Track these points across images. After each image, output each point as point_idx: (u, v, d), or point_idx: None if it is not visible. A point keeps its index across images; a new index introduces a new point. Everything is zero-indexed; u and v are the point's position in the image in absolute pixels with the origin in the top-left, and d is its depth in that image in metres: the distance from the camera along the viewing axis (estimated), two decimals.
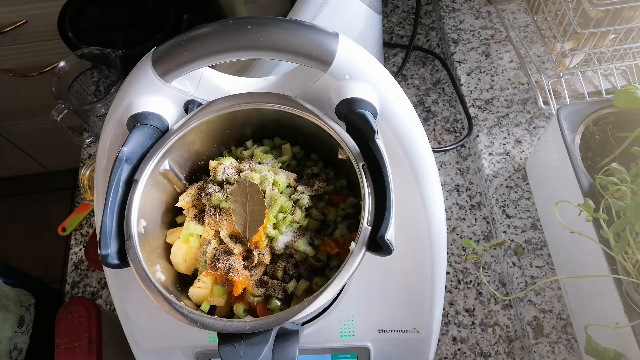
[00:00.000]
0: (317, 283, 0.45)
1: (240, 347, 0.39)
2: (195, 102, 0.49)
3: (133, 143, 0.45)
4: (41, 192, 1.98)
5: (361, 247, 0.39)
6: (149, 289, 0.41)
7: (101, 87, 1.00)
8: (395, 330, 0.56)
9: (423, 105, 0.91)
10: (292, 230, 0.46)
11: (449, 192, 0.83)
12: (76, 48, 0.89)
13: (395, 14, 1.02)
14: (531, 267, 0.72)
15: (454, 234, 0.79)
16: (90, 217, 0.89)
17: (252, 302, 0.45)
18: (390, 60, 0.97)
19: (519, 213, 0.75)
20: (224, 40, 0.44)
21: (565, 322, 0.68)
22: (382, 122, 0.47)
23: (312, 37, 0.44)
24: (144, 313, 0.55)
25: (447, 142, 0.87)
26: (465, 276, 0.76)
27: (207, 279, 0.45)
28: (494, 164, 0.79)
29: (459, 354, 0.72)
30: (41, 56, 1.28)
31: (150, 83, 0.46)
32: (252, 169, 0.48)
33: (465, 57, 0.90)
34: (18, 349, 0.93)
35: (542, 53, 0.86)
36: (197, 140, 0.49)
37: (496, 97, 0.85)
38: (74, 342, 0.66)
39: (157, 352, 0.57)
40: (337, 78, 0.46)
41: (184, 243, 0.46)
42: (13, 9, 1.16)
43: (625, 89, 0.61)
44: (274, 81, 0.52)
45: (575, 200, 0.57)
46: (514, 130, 0.81)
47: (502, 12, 0.91)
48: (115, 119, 0.49)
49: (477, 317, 0.73)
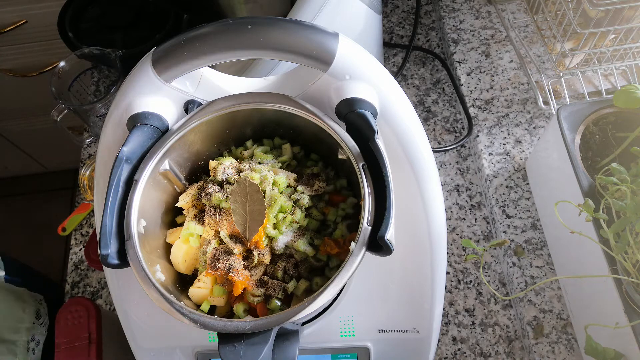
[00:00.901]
0: (317, 283, 0.45)
1: (240, 347, 0.39)
2: (195, 102, 0.49)
3: (133, 143, 0.45)
4: (41, 192, 1.98)
5: (361, 247, 0.39)
6: (149, 289, 0.41)
7: (101, 87, 1.00)
8: (395, 330, 0.56)
9: (423, 105, 0.91)
10: (292, 230, 0.46)
11: (449, 192, 0.83)
12: (76, 48, 0.89)
13: (395, 14, 1.02)
14: (531, 267, 0.72)
15: (454, 234, 0.79)
16: (90, 217, 0.89)
17: (252, 302, 0.45)
18: (390, 60, 0.97)
19: (519, 213, 0.75)
20: (224, 40, 0.44)
21: (565, 322, 0.68)
22: (382, 122, 0.47)
23: (312, 37, 0.44)
24: (144, 313, 0.55)
25: (447, 142, 0.87)
26: (465, 276, 0.76)
27: (207, 279, 0.45)
28: (494, 164, 0.79)
29: (459, 354, 0.72)
30: (41, 56, 1.28)
31: (150, 83, 0.47)
32: (252, 169, 0.48)
33: (465, 57, 0.90)
34: (35, 340, 0.93)
35: (542, 53, 0.86)
36: (197, 140, 0.49)
37: (496, 97, 0.85)
38: (74, 342, 0.66)
39: (157, 352, 0.57)
40: (337, 78, 0.46)
41: (184, 243, 0.46)
42: (13, 9, 1.16)
43: (625, 89, 0.61)
44: (274, 81, 0.52)
45: (575, 200, 0.57)
46: (514, 130, 0.81)
47: (502, 12, 0.91)
48: (115, 119, 0.49)
49: (477, 317, 0.73)
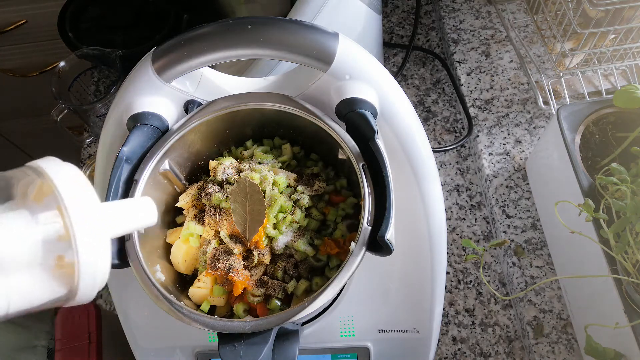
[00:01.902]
0: (317, 283, 0.45)
1: (240, 347, 0.39)
2: (195, 102, 0.49)
3: (133, 143, 0.45)
4: None
5: (361, 247, 0.39)
6: (149, 289, 0.41)
7: (101, 87, 1.00)
8: (395, 330, 0.56)
9: (423, 105, 0.91)
10: (292, 230, 0.46)
11: (449, 192, 0.83)
12: (76, 48, 0.89)
13: (395, 14, 1.02)
14: (531, 267, 0.72)
15: (454, 234, 0.79)
16: None
17: (252, 302, 0.45)
18: (390, 60, 0.97)
19: (519, 213, 0.75)
20: (224, 40, 0.44)
21: (565, 322, 0.68)
22: (382, 122, 0.47)
23: (312, 37, 0.44)
24: (144, 313, 0.55)
25: (447, 142, 0.87)
26: (465, 276, 0.76)
27: (207, 279, 0.45)
28: (494, 164, 0.79)
29: (459, 354, 0.72)
30: (41, 56, 1.28)
31: (150, 83, 0.47)
32: (252, 169, 0.48)
33: (465, 57, 0.90)
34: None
35: (542, 53, 0.86)
36: (197, 140, 0.49)
37: (496, 97, 0.85)
38: (74, 342, 0.66)
39: (157, 352, 0.57)
40: (337, 78, 0.46)
41: (184, 243, 0.46)
42: (13, 9, 1.16)
43: (625, 89, 0.61)
44: (274, 81, 0.52)
45: (575, 200, 0.57)
46: (514, 130, 0.81)
47: (502, 12, 0.91)
48: (115, 119, 0.49)
49: (477, 317, 0.73)
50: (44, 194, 0.25)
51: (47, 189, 0.25)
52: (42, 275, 0.24)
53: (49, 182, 0.25)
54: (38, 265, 0.24)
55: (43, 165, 0.26)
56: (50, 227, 0.24)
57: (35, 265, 0.24)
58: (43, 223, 0.24)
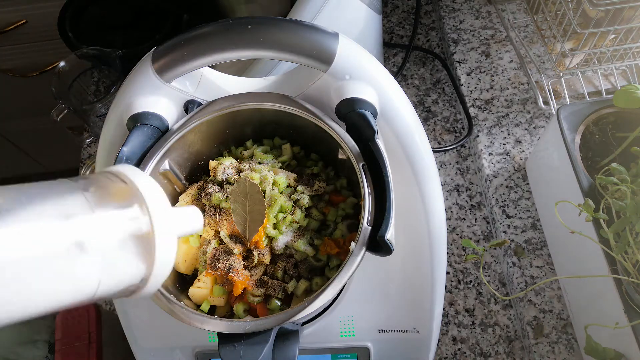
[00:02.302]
0: (317, 283, 0.45)
1: (240, 347, 0.39)
2: (195, 102, 0.49)
3: (133, 143, 0.45)
4: None
5: (361, 247, 0.39)
6: None
7: (101, 87, 1.00)
8: (395, 330, 0.56)
9: (423, 105, 0.91)
10: (292, 230, 0.46)
11: (449, 192, 0.83)
12: (76, 48, 0.89)
13: (395, 14, 1.02)
14: (531, 267, 0.72)
15: (454, 234, 0.79)
16: None
17: (252, 302, 0.45)
18: (390, 60, 0.97)
19: (519, 213, 0.75)
20: (224, 40, 0.44)
21: (565, 322, 0.68)
22: (382, 122, 0.47)
23: (312, 37, 0.44)
24: (144, 313, 0.55)
25: (447, 142, 0.87)
26: (465, 276, 0.76)
27: (207, 279, 0.45)
28: (494, 164, 0.79)
29: (459, 354, 0.72)
30: (41, 56, 1.28)
31: (150, 83, 0.47)
32: (252, 169, 0.48)
33: (465, 57, 0.90)
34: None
35: (542, 53, 0.86)
36: (197, 140, 0.49)
37: (496, 97, 0.85)
38: (74, 342, 0.66)
39: (157, 352, 0.57)
40: (337, 78, 0.46)
41: (184, 243, 0.46)
42: (13, 9, 1.16)
43: (625, 89, 0.61)
44: (274, 81, 0.52)
45: (575, 200, 0.57)
46: (514, 130, 0.81)
47: (502, 12, 0.91)
48: (115, 119, 0.49)
49: (477, 317, 0.73)
50: (127, 196, 0.29)
51: (131, 191, 0.29)
52: (125, 262, 0.28)
53: (133, 186, 0.29)
54: (123, 252, 0.28)
55: (124, 171, 0.30)
56: (134, 223, 0.28)
57: (121, 252, 0.28)
58: (129, 218, 0.28)
